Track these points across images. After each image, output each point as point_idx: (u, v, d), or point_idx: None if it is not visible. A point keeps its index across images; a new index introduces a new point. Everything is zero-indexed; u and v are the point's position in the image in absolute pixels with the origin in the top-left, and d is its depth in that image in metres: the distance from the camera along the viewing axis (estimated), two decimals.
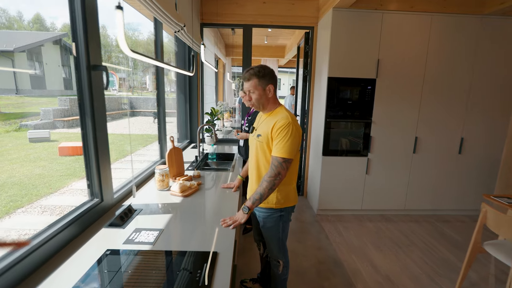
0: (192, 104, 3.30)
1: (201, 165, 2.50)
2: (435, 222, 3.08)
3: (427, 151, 3.02)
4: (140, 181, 1.90)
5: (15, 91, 10.17)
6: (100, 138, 1.33)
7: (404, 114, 2.93)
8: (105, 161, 1.39)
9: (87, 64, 1.20)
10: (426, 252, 2.47)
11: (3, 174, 4.29)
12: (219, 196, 1.71)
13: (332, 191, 3.08)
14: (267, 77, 1.38)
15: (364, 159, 3.01)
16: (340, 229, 2.86)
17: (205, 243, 1.15)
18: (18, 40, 10.10)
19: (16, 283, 0.87)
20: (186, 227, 1.30)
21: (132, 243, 1.14)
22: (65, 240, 1.12)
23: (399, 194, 3.13)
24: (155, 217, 1.39)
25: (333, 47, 2.74)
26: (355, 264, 2.27)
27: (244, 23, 3.20)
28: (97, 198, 1.36)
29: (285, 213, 1.48)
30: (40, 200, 3.49)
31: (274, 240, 1.53)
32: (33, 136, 6.49)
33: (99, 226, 1.27)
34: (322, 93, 2.95)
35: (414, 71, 2.84)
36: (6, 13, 18.29)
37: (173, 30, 2.07)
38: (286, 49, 6.24)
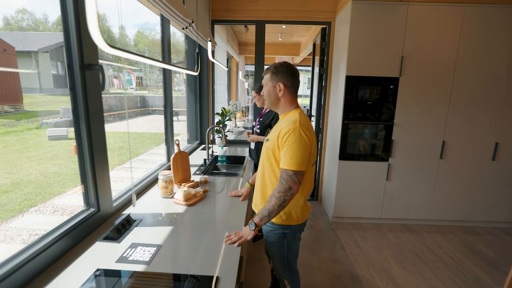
0: (202, 104, 3.19)
1: (210, 169, 2.38)
2: (462, 234, 2.81)
3: (455, 157, 2.76)
4: (144, 186, 1.80)
5: (39, 90, 10.58)
6: (97, 143, 1.23)
7: (431, 116, 2.67)
8: (102, 167, 1.29)
9: (80, 63, 1.10)
10: (455, 270, 2.23)
11: (21, 172, 4.39)
12: (226, 206, 1.58)
13: (349, 198, 2.87)
14: (280, 74, 1.23)
15: (384, 164, 2.78)
16: (358, 239, 2.66)
17: (206, 264, 1.02)
18: (42, 41, 10.48)
19: None
20: (186, 244, 1.17)
21: (125, 261, 1.02)
22: (56, 255, 1.03)
23: (423, 203, 2.88)
24: (154, 229, 1.27)
25: (352, 44, 2.53)
26: (374, 280, 2.07)
27: (257, 19, 3.05)
28: (93, 208, 1.26)
29: (290, 232, 1.29)
30: (53, 199, 3.51)
31: (278, 258, 1.36)
32: (51, 134, 6.66)
33: (94, 239, 1.17)
34: (339, 93, 2.75)
35: (443, 69, 2.58)
36: (32, 16, 19.11)
37: (181, 26, 1.96)
38: (301, 47, 6.03)
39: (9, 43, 7.25)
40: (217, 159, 2.62)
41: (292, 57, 7.14)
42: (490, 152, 2.74)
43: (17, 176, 4.15)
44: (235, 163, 2.63)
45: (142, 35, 26.97)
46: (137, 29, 27.45)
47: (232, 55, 5.87)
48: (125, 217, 1.31)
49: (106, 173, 1.32)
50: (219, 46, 3.78)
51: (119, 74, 16.28)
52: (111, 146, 6.96)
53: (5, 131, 6.77)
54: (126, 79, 15.79)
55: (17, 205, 3.28)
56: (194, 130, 3.19)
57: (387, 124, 2.70)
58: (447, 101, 2.64)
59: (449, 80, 2.60)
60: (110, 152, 1.35)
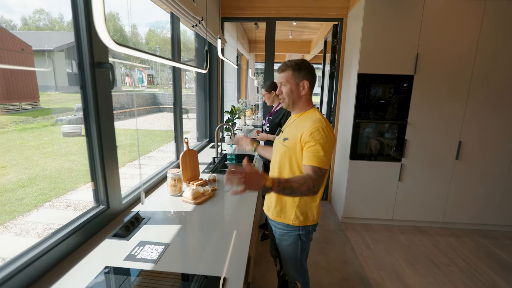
0: (211, 102, 3.19)
1: (219, 167, 2.38)
2: (478, 238, 2.71)
3: (472, 158, 2.65)
4: (154, 184, 1.81)
5: (54, 88, 10.89)
6: (106, 141, 1.24)
7: (447, 115, 2.58)
8: (111, 165, 1.30)
9: (90, 61, 1.10)
10: (469, 275, 2.15)
11: (37, 167, 4.52)
12: (234, 205, 1.57)
13: (359, 198, 2.82)
14: (304, 72, 1.20)
15: (397, 165, 2.71)
16: (368, 240, 2.60)
17: (213, 264, 1.01)
18: (57, 40, 10.76)
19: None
20: (194, 243, 1.17)
21: (133, 259, 1.03)
22: (67, 250, 1.04)
23: (437, 205, 2.79)
24: (162, 228, 1.27)
25: (365, 40, 2.46)
26: (385, 284, 2.02)
27: (267, 16, 3.01)
28: (103, 205, 1.27)
29: (305, 232, 1.28)
30: (66, 195, 3.60)
31: (292, 260, 1.35)
32: (66, 130, 6.84)
33: (104, 236, 1.18)
34: (351, 91, 2.69)
35: (460, 66, 2.48)
36: (49, 16, 19.64)
37: (190, 24, 1.95)
38: (312, 44, 5.94)
39: (27, 42, 7.46)
40: (226, 157, 2.61)
41: (303, 55, 7.05)
42: (510, 154, 2.62)
43: (33, 171, 4.28)
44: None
45: (153, 33, 27.30)
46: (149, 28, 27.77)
47: (242, 53, 5.85)
48: (134, 214, 1.32)
49: (115, 171, 1.33)
50: (229, 44, 3.76)
51: (131, 72, 16.54)
52: (123, 143, 7.09)
53: (23, 128, 6.98)
54: (137, 77, 16.04)
55: (32, 199, 3.38)
56: (203, 128, 3.19)
57: (400, 123, 2.62)
58: (465, 100, 2.54)
59: (467, 78, 2.50)
60: (121, 149, 1.36)
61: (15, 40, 7.19)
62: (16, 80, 7.06)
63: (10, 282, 0.81)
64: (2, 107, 7.18)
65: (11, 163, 4.49)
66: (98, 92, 1.15)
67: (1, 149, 5.00)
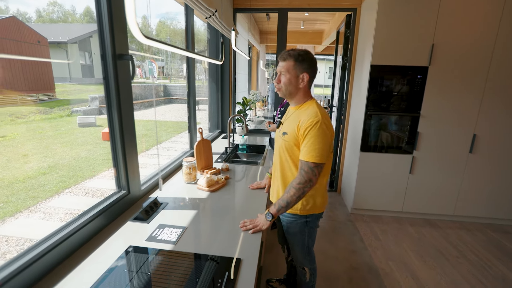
0: (223, 93, 3.23)
1: (231, 157, 2.44)
2: (490, 232, 2.69)
3: (487, 151, 2.61)
4: (169, 172, 1.89)
5: (68, 80, 11.16)
6: (127, 128, 1.31)
7: (462, 108, 2.53)
8: (132, 152, 1.37)
9: (112, 53, 1.16)
10: (479, 268, 2.15)
11: (56, 156, 4.72)
12: (246, 193, 1.63)
13: (369, 190, 2.83)
14: (306, 64, 1.19)
15: (408, 157, 2.69)
16: (377, 231, 2.63)
17: (228, 247, 1.07)
18: (71, 32, 10.95)
19: (43, 274, 0.88)
20: (210, 227, 1.24)
21: (154, 240, 1.10)
22: (93, 231, 1.12)
23: (448, 198, 2.77)
24: (179, 212, 1.35)
25: (379, 31, 2.43)
26: (393, 273, 2.06)
27: (279, 6, 2.99)
28: (124, 190, 1.35)
29: (311, 220, 1.32)
30: (84, 182, 3.77)
31: (299, 247, 1.39)
32: (81, 121, 7.06)
33: (125, 219, 1.26)
34: (363, 83, 2.67)
35: (478, 57, 2.42)
36: (62, 8, 19.92)
37: (204, 15, 1.98)
38: (324, 35, 5.85)
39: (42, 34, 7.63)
40: (237, 148, 2.67)
41: (314, 46, 6.96)
42: None
43: (52, 159, 4.48)
44: (255, 152, 2.67)
45: (163, 24, 27.31)
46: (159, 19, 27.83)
47: (253, 44, 5.83)
48: (153, 200, 1.40)
49: (135, 158, 1.41)
50: (240, 35, 3.77)
51: (142, 64, 16.71)
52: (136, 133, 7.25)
53: (41, 118, 7.24)
54: (148, 68, 16.19)
55: (53, 186, 3.55)
56: (215, 119, 3.25)
57: (413, 115, 2.59)
58: (481, 93, 2.49)
59: (484, 70, 2.44)
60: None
61: (32, 32, 7.36)
62: (33, 72, 7.27)
63: (48, 256, 0.90)
64: (21, 98, 7.43)
65: (32, 152, 4.70)
66: (119, 83, 1.21)
67: (22, 138, 5.23)
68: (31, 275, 0.84)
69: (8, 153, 4.44)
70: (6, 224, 2.62)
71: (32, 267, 0.84)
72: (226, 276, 0.91)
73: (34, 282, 0.85)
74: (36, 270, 0.86)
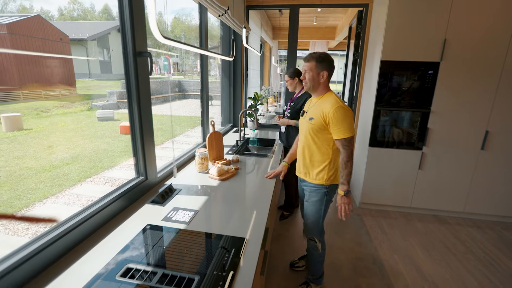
0: (235, 88, 3.33)
1: (241, 150, 2.54)
2: (501, 230, 2.67)
3: (500, 148, 2.57)
4: (183, 162, 2.01)
5: (88, 75, 11.62)
6: (145, 121, 1.43)
7: (474, 104, 2.51)
8: (149, 142, 1.49)
9: (133, 51, 1.27)
10: (486, 264, 2.16)
11: (78, 148, 5.00)
12: (255, 183, 1.72)
13: (377, 185, 2.86)
14: (324, 64, 1.49)
15: (417, 153, 2.70)
16: (384, 226, 2.67)
17: (236, 228, 1.18)
18: (90, 30, 11.35)
19: (70, 248, 1.01)
20: (219, 211, 1.34)
21: (169, 220, 1.22)
22: (114, 212, 1.25)
23: (459, 195, 2.76)
24: (192, 198, 1.46)
25: (389, 26, 2.43)
26: (397, 265, 2.11)
27: (291, 3, 3.04)
28: (142, 176, 1.48)
29: (330, 191, 1.60)
30: (104, 172, 3.99)
31: (315, 216, 1.64)
32: (100, 115, 7.38)
33: (143, 202, 1.39)
34: (373, 79, 2.69)
35: (492, 52, 2.38)
36: (82, 6, 20.55)
37: (217, 13, 2.07)
38: (337, 30, 5.81)
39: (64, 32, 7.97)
40: (248, 141, 2.76)
41: (328, 41, 6.91)
42: None
43: (74, 151, 4.75)
44: (265, 146, 2.75)
45: (178, 20, 27.64)
46: (174, 15, 28.18)
47: (266, 40, 5.87)
48: (168, 186, 1.52)
49: (152, 148, 1.53)
50: (253, 31, 3.83)
51: (157, 60, 17.08)
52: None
53: (63, 112, 7.62)
54: (163, 64, 16.53)
55: (76, 175, 3.80)
56: (227, 113, 3.35)
57: (423, 111, 2.59)
58: (495, 89, 2.45)
59: (498, 65, 2.40)
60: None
61: (55, 30, 7.72)
62: (56, 68, 7.65)
63: (77, 230, 1.03)
64: (45, 93, 7.84)
65: (56, 144, 4.99)
66: (139, 78, 1.33)
67: (47, 131, 5.56)
68: (64, 244, 0.98)
69: (35, 145, 4.74)
70: (35, 208, 2.86)
71: (64, 239, 0.98)
72: (232, 252, 1.01)
73: (67, 250, 0.99)
74: (67, 242, 0.99)
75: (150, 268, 0.91)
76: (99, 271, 0.89)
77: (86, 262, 0.94)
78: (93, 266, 0.92)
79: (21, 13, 9.03)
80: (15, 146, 4.56)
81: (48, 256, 0.92)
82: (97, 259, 0.96)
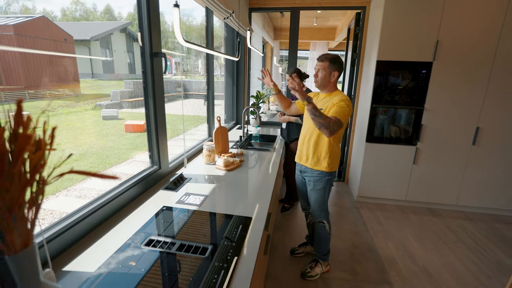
0: (239, 87, 3.47)
1: (245, 145, 2.68)
2: (492, 222, 2.80)
3: (490, 144, 2.71)
4: (191, 155, 2.16)
5: (91, 75, 11.78)
6: (159, 116, 1.57)
7: (465, 101, 2.65)
8: (163, 136, 1.64)
9: (150, 51, 1.42)
10: (475, 252, 2.30)
11: (85, 145, 5.15)
12: (258, 174, 1.87)
13: (374, 179, 3.00)
14: (336, 65, 1.66)
15: (412, 148, 2.84)
16: (380, 217, 2.81)
17: (242, 209, 1.32)
18: (92, 30, 11.50)
19: (97, 224, 1.16)
20: (227, 196, 1.49)
21: (182, 203, 1.36)
22: (132, 196, 1.40)
23: (451, 188, 2.90)
24: (201, 185, 1.61)
25: (385, 28, 2.57)
26: (391, 252, 2.25)
27: (292, 6, 3.18)
28: (156, 166, 1.63)
29: (331, 177, 1.79)
30: (111, 168, 4.14)
31: (320, 201, 1.82)
32: (105, 114, 7.54)
33: (157, 189, 1.54)
34: (370, 78, 2.83)
35: (482, 53, 2.52)
36: (84, 6, 20.74)
37: (222, 17, 2.21)
38: (336, 31, 5.95)
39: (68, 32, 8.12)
40: (251, 137, 2.91)
41: (328, 42, 7.04)
42: None
43: (82, 148, 4.90)
44: (267, 141, 2.90)
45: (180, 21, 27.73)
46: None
47: (267, 41, 6.01)
48: (179, 175, 1.67)
49: (165, 140, 1.68)
50: (255, 32, 3.98)
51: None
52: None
53: (68, 111, 7.77)
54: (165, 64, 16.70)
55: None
56: (230, 111, 3.50)
57: (417, 108, 2.73)
58: (485, 87, 2.59)
59: (488, 64, 2.54)
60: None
61: (59, 30, 7.88)
62: (60, 68, 7.83)
63: (102, 209, 1.18)
64: (50, 93, 8.00)
65: (63, 141, 5.14)
66: (155, 76, 1.48)
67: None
68: (90, 222, 1.12)
69: None
70: (49, 201, 3.01)
71: (89, 218, 1.12)
72: (240, 228, 1.15)
73: (93, 228, 1.14)
74: (92, 221, 1.14)
75: (169, 239, 1.05)
76: (125, 242, 1.03)
77: (111, 237, 1.08)
78: (119, 239, 1.06)
79: (25, 14, 9.19)
80: None
81: (77, 232, 1.06)
82: (121, 234, 1.10)
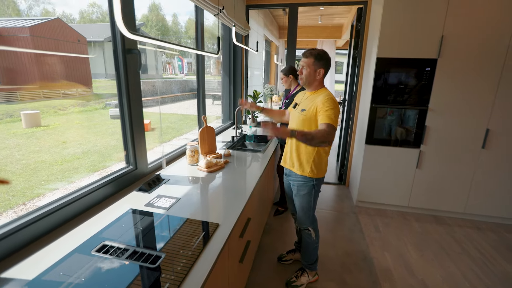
0: (236, 86, 3.40)
1: (237, 146, 2.60)
2: (503, 232, 2.59)
3: (502, 147, 2.50)
4: (177, 155, 2.10)
5: (104, 75, 12.07)
6: (135, 115, 1.52)
7: (474, 101, 2.45)
8: (140, 135, 1.58)
9: (122, 48, 1.36)
10: (480, 264, 2.12)
11: (89, 144, 5.23)
12: (240, 176, 1.78)
13: (374, 183, 2.85)
14: (322, 62, 1.54)
15: (415, 151, 2.67)
16: (379, 224, 2.65)
17: (211, 214, 1.24)
18: (107, 32, 11.77)
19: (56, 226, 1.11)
20: (201, 199, 1.41)
21: (151, 206, 1.30)
22: (102, 197, 1.35)
23: (459, 194, 2.70)
24: (177, 187, 1.54)
25: (385, 23, 2.42)
26: (386, 262, 2.10)
27: (290, 2, 3.07)
28: (132, 166, 1.57)
29: (317, 183, 1.66)
30: (111, 167, 4.17)
31: (306, 208, 1.70)
32: (113, 113, 7.67)
33: (131, 190, 1.48)
34: (370, 76, 2.68)
35: (492, 48, 2.32)
36: (100, 8, 21.34)
37: (212, 13, 2.14)
38: (343, 29, 5.77)
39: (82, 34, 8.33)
40: (245, 138, 2.82)
41: (335, 40, 6.86)
42: None
43: (85, 146, 4.98)
44: (262, 142, 2.81)
45: (192, 21, 28.08)
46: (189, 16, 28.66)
47: (272, 40, 5.92)
48: (156, 175, 1.61)
49: (142, 140, 1.62)
50: (255, 30, 3.90)
51: (172, 60, 17.44)
52: (159, 125, 7.72)
53: (79, 110, 7.96)
54: (177, 64, 16.89)
55: (85, 169, 3.99)
56: (228, 110, 3.43)
57: (421, 109, 2.56)
58: (495, 86, 2.39)
59: (499, 62, 2.34)
60: (159, 130, 1.65)
61: (73, 32, 8.10)
62: (73, 68, 8.04)
63: (66, 209, 1.13)
64: (63, 93, 8.23)
65: (69, 139, 5.25)
66: (128, 74, 1.42)
67: (62, 128, 5.85)
68: (48, 223, 1.08)
69: (51, 140, 5.01)
70: (46, 197, 3.05)
71: (49, 218, 1.08)
72: (202, 234, 1.07)
73: (51, 229, 1.09)
74: (52, 221, 1.09)
75: (124, 245, 0.99)
76: (77, 246, 0.98)
77: (68, 240, 1.03)
78: (74, 242, 1.01)
79: (43, 17, 9.52)
80: (32, 141, 4.84)
81: (32, 232, 1.01)
82: (79, 237, 1.05)
